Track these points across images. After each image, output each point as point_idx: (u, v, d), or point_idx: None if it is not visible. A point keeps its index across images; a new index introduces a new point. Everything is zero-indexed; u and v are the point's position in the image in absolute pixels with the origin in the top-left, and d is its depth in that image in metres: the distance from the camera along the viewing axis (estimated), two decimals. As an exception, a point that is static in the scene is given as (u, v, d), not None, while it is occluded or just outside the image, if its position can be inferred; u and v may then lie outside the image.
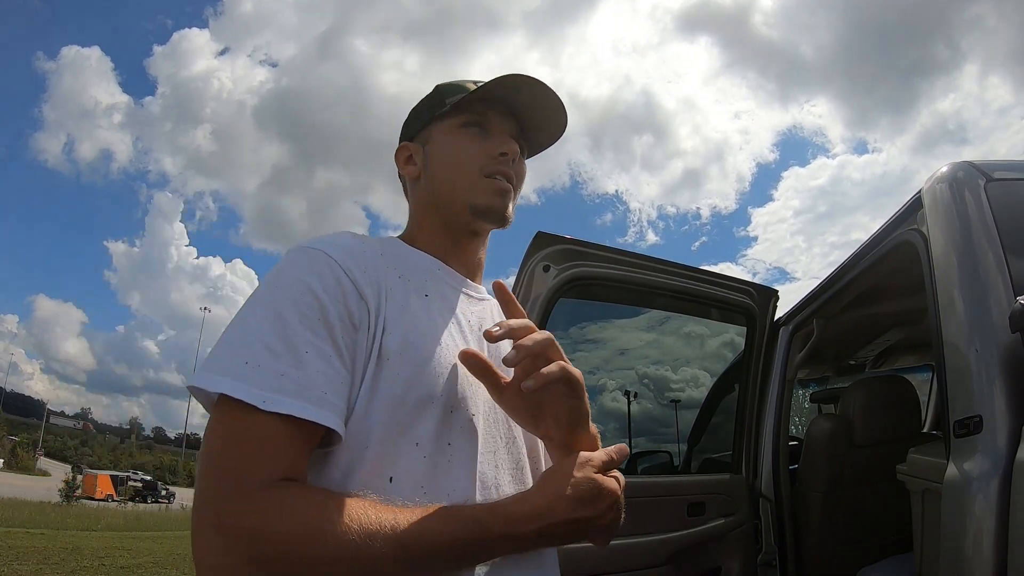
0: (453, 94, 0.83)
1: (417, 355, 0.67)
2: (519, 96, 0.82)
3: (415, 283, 0.74)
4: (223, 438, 0.59)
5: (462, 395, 0.69)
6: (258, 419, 0.58)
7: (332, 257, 0.66)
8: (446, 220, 0.82)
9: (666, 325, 2.61)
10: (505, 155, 0.81)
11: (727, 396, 2.61)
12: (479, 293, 0.85)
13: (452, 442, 0.67)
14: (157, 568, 8.34)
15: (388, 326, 0.67)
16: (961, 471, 1.15)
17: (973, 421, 1.15)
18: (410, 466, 0.64)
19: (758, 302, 2.37)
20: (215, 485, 0.57)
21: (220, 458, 0.58)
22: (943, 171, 1.44)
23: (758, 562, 2.22)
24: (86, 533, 12.28)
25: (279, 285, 0.65)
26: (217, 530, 0.55)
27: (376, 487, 0.61)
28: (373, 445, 0.63)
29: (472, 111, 0.82)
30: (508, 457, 0.74)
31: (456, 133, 0.82)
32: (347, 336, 0.64)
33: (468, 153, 0.80)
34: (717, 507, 2.19)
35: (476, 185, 0.80)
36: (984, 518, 1.07)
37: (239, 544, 0.54)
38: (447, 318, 0.74)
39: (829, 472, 2.18)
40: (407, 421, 0.65)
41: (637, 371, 2.65)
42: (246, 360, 0.60)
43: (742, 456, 2.38)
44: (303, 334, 0.61)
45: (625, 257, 2.10)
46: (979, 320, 1.21)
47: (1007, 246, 1.24)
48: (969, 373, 1.20)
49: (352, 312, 0.64)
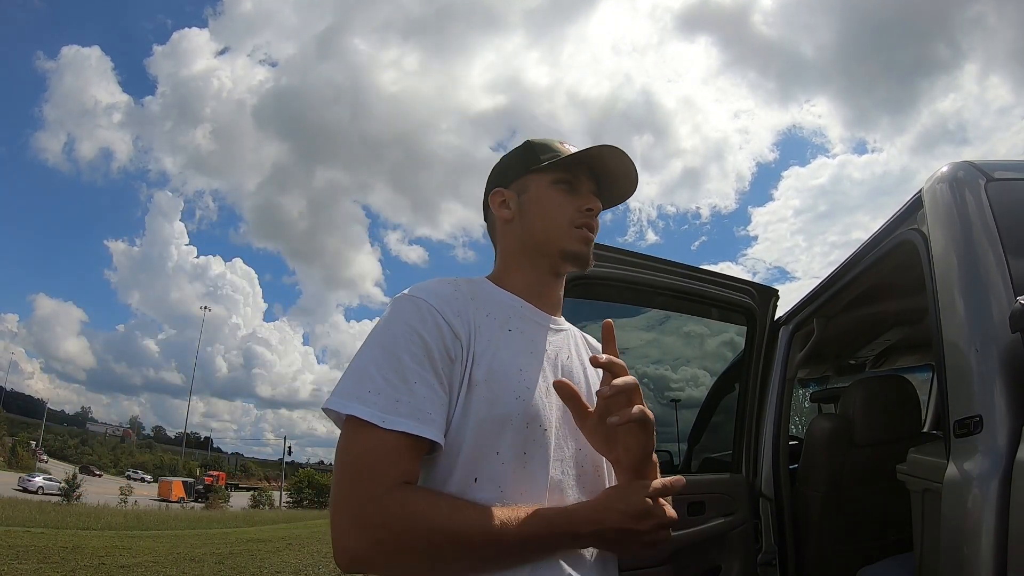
0: (545, 152, 0.98)
1: (499, 381, 0.82)
2: (604, 162, 0.97)
3: (500, 320, 0.89)
4: (355, 451, 0.75)
5: (536, 413, 0.83)
6: (380, 435, 0.74)
7: (432, 305, 0.83)
8: (535, 262, 0.97)
9: (666, 324, 2.61)
10: (591, 211, 0.96)
11: (727, 395, 2.62)
12: (558, 325, 0.98)
13: (527, 451, 0.82)
14: (157, 567, 8.34)
15: (476, 359, 0.83)
16: (961, 471, 1.15)
17: (973, 421, 1.15)
18: (492, 470, 0.80)
19: (758, 301, 2.37)
20: (351, 487, 0.73)
21: (353, 467, 0.75)
22: (943, 171, 1.44)
23: (758, 562, 2.22)
24: (86, 532, 12.29)
25: (391, 329, 0.81)
26: (354, 522, 0.72)
27: (465, 486, 0.79)
28: (464, 453, 0.79)
29: (565, 170, 0.96)
30: (573, 465, 0.88)
31: (551, 188, 0.96)
32: (446, 368, 0.80)
33: (562, 206, 0.95)
34: (717, 506, 2.20)
35: (568, 234, 0.95)
36: (984, 518, 1.07)
37: (372, 532, 0.71)
38: (527, 349, 0.89)
39: (829, 472, 2.18)
40: (490, 435, 0.80)
41: (637, 370, 2.65)
42: (369, 389, 0.77)
43: (742, 455, 2.38)
44: (413, 368, 0.78)
45: (625, 256, 2.10)
46: (979, 320, 1.21)
47: (1007, 246, 1.24)
48: (969, 373, 1.20)
49: (449, 348, 0.81)
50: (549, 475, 0.83)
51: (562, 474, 0.85)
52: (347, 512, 0.72)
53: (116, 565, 8.08)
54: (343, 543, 0.72)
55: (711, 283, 2.28)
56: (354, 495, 0.73)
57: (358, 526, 0.71)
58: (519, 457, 0.81)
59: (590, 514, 0.79)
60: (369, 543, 0.71)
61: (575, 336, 1.02)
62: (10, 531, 10.54)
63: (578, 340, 1.02)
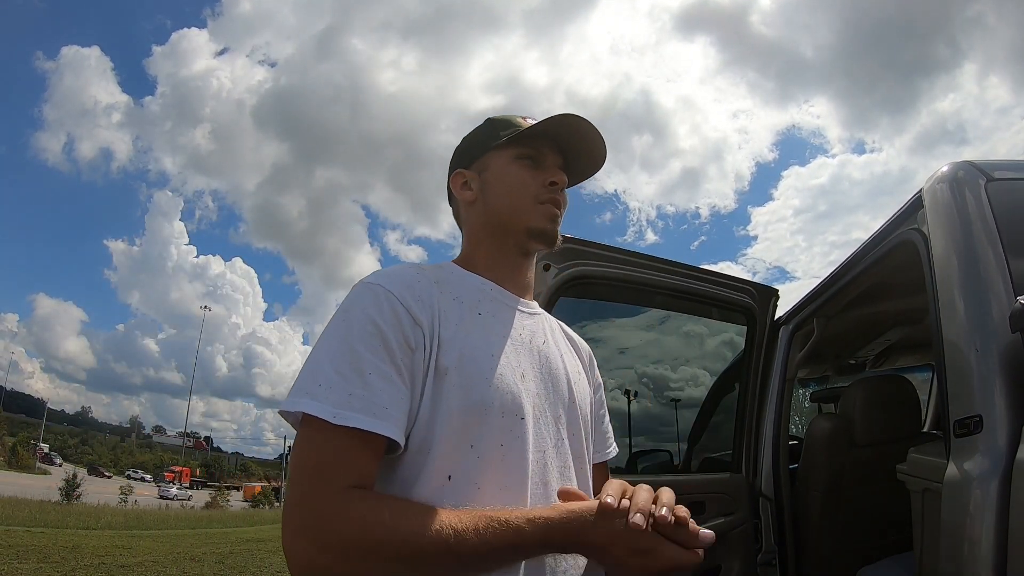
0: (506, 128, 0.93)
1: (471, 368, 0.77)
2: (567, 133, 0.92)
3: (469, 304, 0.84)
4: (305, 451, 0.70)
5: (512, 402, 0.78)
6: (331, 433, 0.68)
7: (390, 290, 0.77)
8: (501, 243, 0.92)
9: (666, 324, 2.61)
10: (555, 184, 0.91)
11: (727, 395, 2.61)
12: (531, 308, 0.93)
13: (504, 443, 0.76)
14: (157, 567, 8.34)
15: (444, 345, 0.77)
16: (961, 471, 1.15)
17: (973, 421, 1.15)
18: (466, 466, 0.73)
19: (758, 301, 2.37)
20: (300, 492, 0.68)
21: (303, 469, 0.69)
22: (944, 171, 1.44)
23: (758, 561, 2.22)
24: (86, 532, 12.29)
25: (347, 319, 0.75)
26: (303, 530, 0.66)
27: (438, 485, 0.72)
28: (435, 448, 0.73)
29: (526, 145, 0.92)
30: (556, 457, 0.82)
31: (513, 164, 0.92)
32: (405, 358, 0.74)
33: (524, 182, 0.91)
34: (717, 506, 2.20)
35: (532, 210, 0.90)
36: (984, 518, 1.07)
37: (321, 540, 0.65)
38: (500, 333, 0.83)
39: (829, 471, 2.18)
40: (463, 427, 0.74)
41: (636, 370, 2.65)
42: (320, 383, 0.71)
43: (742, 455, 2.38)
44: (368, 359, 0.72)
45: (625, 256, 2.09)
46: (979, 320, 1.21)
47: (1007, 246, 1.24)
48: (969, 373, 1.20)
49: (408, 337, 0.75)
50: (530, 468, 0.77)
51: (544, 467, 0.79)
52: (296, 518, 0.66)
53: (116, 565, 8.08)
54: (292, 551, 0.66)
55: (711, 283, 2.28)
56: (303, 500, 0.67)
57: (307, 534, 0.65)
58: (496, 450, 0.75)
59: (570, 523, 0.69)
60: (317, 551, 0.65)
61: (550, 321, 0.97)
62: (10, 531, 10.54)
63: (553, 326, 0.98)
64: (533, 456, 0.78)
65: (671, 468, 2.54)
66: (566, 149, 0.94)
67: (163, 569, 8.20)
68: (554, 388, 0.86)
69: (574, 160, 0.96)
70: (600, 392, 1.04)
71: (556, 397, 0.86)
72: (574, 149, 0.95)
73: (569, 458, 0.84)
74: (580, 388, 0.92)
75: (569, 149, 0.95)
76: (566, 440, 0.84)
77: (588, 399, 0.95)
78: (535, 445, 0.79)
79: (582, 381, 0.94)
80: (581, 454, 0.87)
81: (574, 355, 0.98)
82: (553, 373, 0.87)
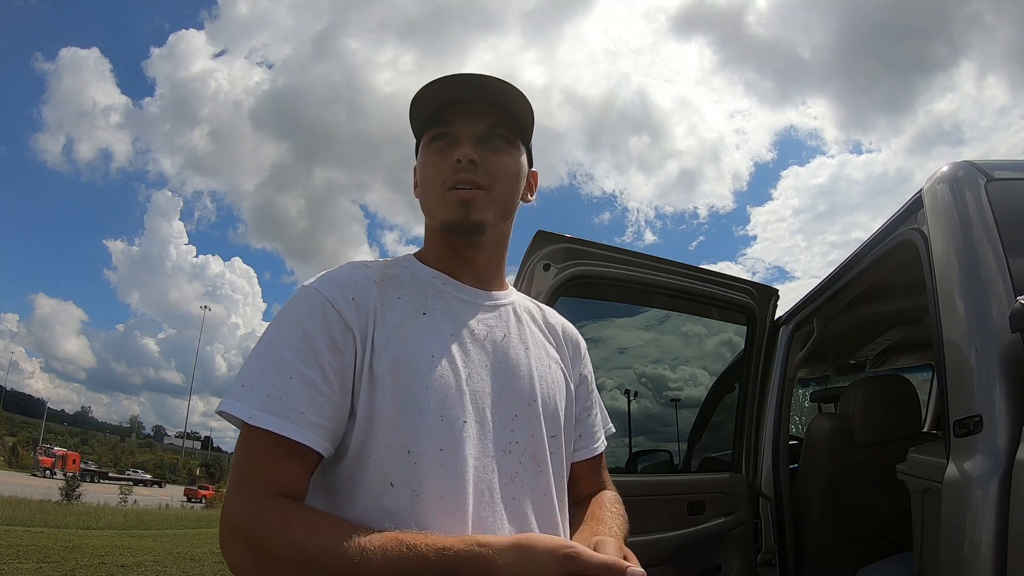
0: (414, 107, 0.84)
1: (406, 371, 0.73)
2: (459, 91, 0.81)
3: (414, 302, 0.79)
4: (238, 453, 0.70)
5: (451, 404, 0.74)
6: (256, 436, 0.68)
7: (323, 293, 0.75)
8: (444, 236, 0.84)
9: (665, 324, 2.61)
10: (459, 162, 0.80)
11: (727, 395, 2.61)
12: (493, 300, 0.86)
13: (444, 448, 0.72)
14: (157, 566, 8.34)
15: (378, 349, 0.74)
16: (961, 471, 1.15)
17: (973, 421, 1.15)
18: (405, 472, 0.71)
19: (758, 301, 2.37)
20: (228, 493, 0.69)
21: (233, 471, 0.70)
22: (944, 171, 1.44)
23: (758, 561, 2.22)
24: (86, 531, 12.29)
25: (278, 322, 0.75)
26: (230, 531, 0.67)
27: (379, 492, 0.70)
28: (373, 454, 0.71)
29: (436, 124, 0.83)
30: (505, 461, 0.77)
31: (425, 150, 0.84)
32: (334, 360, 0.72)
33: (435, 169, 0.82)
34: (717, 506, 2.19)
35: (440, 201, 0.81)
36: (984, 518, 1.07)
37: (243, 544, 0.66)
38: (445, 331, 0.79)
39: (829, 471, 2.18)
40: (400, 431, 0.71)
41: (635, 370, 2.65)
42: (243, 383, 0.70)
43: (742, 455, 2.38)
44: (291, 363, 0.70)
45: (625, 256, 2.10)
46: (979, 320, 1.21)
47: (1007, 246, 1.24)
48: (969, 373, 1.20)
49: (337, 340, 0.72)
50: (472, 475, 0.72)
51: (490, 472, 0.75)
52: (224, 519, 0.67)
53: (116, 564, 8.07)
54: (223, 547, 0.67)
55: (711, 283, 2.28)
56: (229, 502, 0.67)
57: (232, 535, 0.66)
58: (434, 456, 0.71)
59: (480, 563, 0.62)
60: (240, 555, 0.66)
61: (519, 308, 0.89)
62: (11, 530, 10.53)
63: (524, 317, 0.89)
64: (477, 461, 0.73)
65: (671, 468, 2.54)
66: (479, 110, 0.82)
67: (163, 569, 8.19)
68: (509, 386, 0.80)
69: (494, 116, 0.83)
70: (586, 385, 0.97)
71: (511, 396, 0.80)
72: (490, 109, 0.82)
73: (525, 461, 0.78)
74: (548, 383, 0.85)
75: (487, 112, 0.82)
76: (520, 442, 0.79)
77: (561, 393, 0.87)
78: (480, 449, 0.74)
79: (552, 375, 0.87)
80: (541, 455, 0.80)
81: (548, 347, 0.90)
82: (511, 369, 0.81)
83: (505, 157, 0.84)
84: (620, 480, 1.00)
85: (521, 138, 0.87)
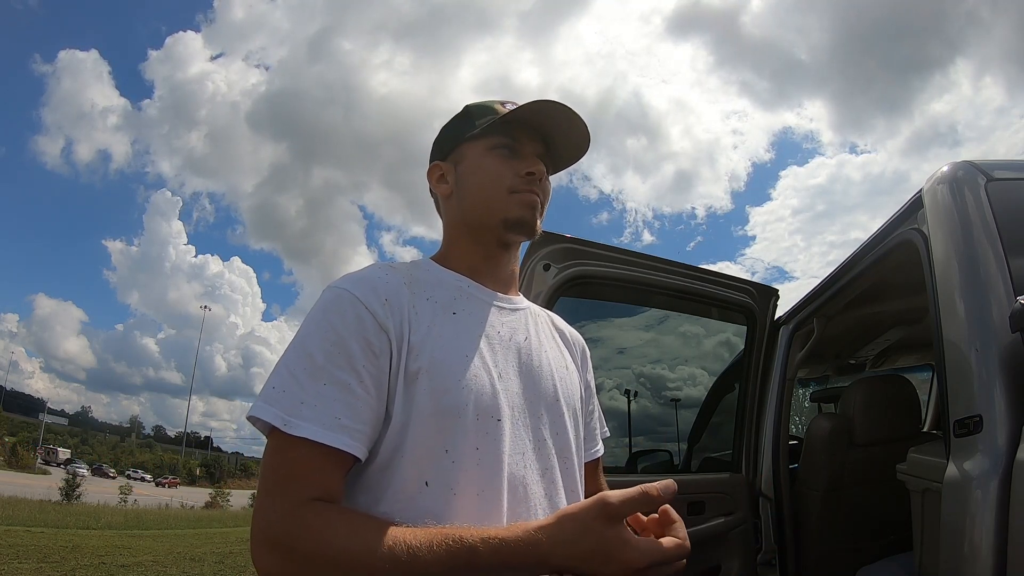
0: (482, 116, 0.88)
1: (442, 371, 0.74)
2: (545, 119, 0.87)
3: (443, 303, 0.81)
4: (268, 459, 0.69)
5: (487, 403, 0.75)
6: (287, 443, 0.68)
7: (354, 294, 0.75)
8: (478, 237, 0.88)
9: (664, 324, 2.61)
10: (532, 175, 0.86)
11: (727, 395, 2.61)
12: (512, 304, 0.89)
13: (480, 446, 0.73)
14: (157, 566, 8.34)
15: (414, 349, 0.75)
16: (961, 471, 1.15)
17: (973, 421, 1.15)
18: (441, 471, 0.71)
19: (758, 301, 2.37)
20: (261, 500, 0.68)
21: (265, 477, 0.69)
22: (944, 171, 1.43)
23: (758, 561, 2.22)
24: (86, 531, 12.28)
25: (309, 325, 0.74)
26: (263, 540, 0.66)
27: (414, 491, 0.71)
28: (408, 454, 0.71)
29: (502, 133, 0.87)
30: (536, 458, 0.79)
31: (487, 155, 0.87)
32: (369, 364, 0.72)
33: (498, 173, 0.86)
34: (717, 506, 2.19)
35: (506, 201, 0.85)
36: (984, 518, 1.07)
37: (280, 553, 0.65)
38: (476, 332, 0.81)
39: (829, 471, 2.18)
40: (437, 431, 0.72)
41: (634, 370, 2.65)
42: (274, 386, 0.70)
43: (742, 455, 2.38)
44: (324, 366, 0.70)
45: (625, 256, 2.09)
46: (979, 320, 1.21)
47: (1007, 246, 1.24)
48: (969, 373, 1.20)
49: (371, 342, 0.73)
50: (506, 472, 0.74)
51: (524, 469, 0.77)
52: (257, 527, 0.66)
53: (116, 564, 8.07)
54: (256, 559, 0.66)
55: (711, 282, 2.28)
56: (263, 510, 0.67)
57: (267, 544, 0.65)
58: (471, 454, 0.72)
59: (526, 545, 0.64)
60: (277, 563, 0.65)
61: (536, 316, 0.93)
62: (10, 530, 10.53)
63: (540, 320, 0.93)
64: (511, 459, 0.76)
65: (671, 468, 2.54)
66: (547, 136, 0.89)
67: (163, 569, 8.20)
68: (535, 386, 0.83)
69: (556, 147, 0.91)
70: (590, 389, 1.01)
71: (538, 395, 0.83)
72: (555, 136, 0.90)
73: (553, 458, 0.81)
74: (567, 384, 0.89)
75: (550, 136, 0.90)
76: (548, 440, 0.81)
77: (577, 395, 0.91)
78: (513, 447, 0.76)
79: (569, 377, 0.91)
80: (567, 453, 0.84)
81: (562, 350, 0.94)
82: (535, 370, 0.84)
83: (549, 182, 0.91)
84: (620, 480, 1.01)
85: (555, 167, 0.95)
